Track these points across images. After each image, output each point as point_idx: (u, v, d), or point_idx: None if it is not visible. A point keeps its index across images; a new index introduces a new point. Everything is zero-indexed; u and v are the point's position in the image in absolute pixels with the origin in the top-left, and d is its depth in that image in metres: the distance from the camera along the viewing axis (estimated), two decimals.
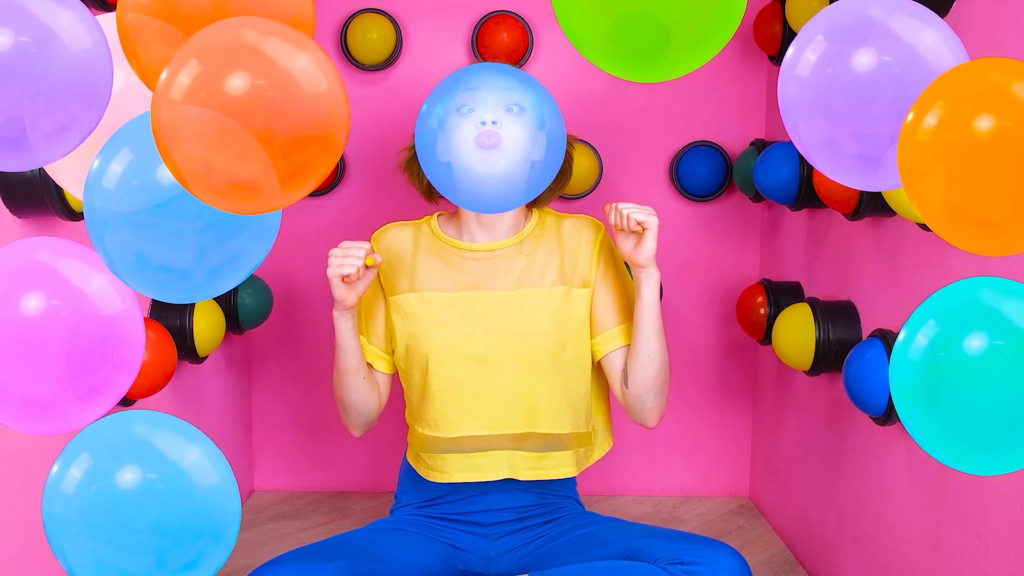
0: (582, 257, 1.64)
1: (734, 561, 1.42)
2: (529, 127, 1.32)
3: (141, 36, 0.91)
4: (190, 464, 0.94)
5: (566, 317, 1.60)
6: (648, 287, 1.56)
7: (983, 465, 0.91)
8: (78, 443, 0.94)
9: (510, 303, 1.59)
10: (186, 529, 0.93)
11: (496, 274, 1.62)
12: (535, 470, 1.63)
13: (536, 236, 1.65)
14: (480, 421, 1.60)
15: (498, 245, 1.62)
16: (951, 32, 0.93)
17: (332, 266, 1.48)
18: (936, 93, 0.85)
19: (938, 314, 0.90)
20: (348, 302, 1.52)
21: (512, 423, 1.60)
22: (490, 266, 1.62)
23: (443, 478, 1.64)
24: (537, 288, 1.61)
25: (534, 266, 1.62)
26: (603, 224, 1.70)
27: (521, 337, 1.58)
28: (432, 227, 1.68)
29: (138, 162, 0.91)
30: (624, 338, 1.64)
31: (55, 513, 0.93)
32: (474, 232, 1.64)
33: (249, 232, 0.94)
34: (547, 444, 1.62)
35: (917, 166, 0.86)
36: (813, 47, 0.94)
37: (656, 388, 1.60)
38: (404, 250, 1.66)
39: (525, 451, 1.62)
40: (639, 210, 1.52)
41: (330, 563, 1.42)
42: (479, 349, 1.58)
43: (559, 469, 1.64)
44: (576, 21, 0.94)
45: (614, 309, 1.64)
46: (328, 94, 0.82)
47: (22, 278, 0.94)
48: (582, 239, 1.65)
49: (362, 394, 1.62)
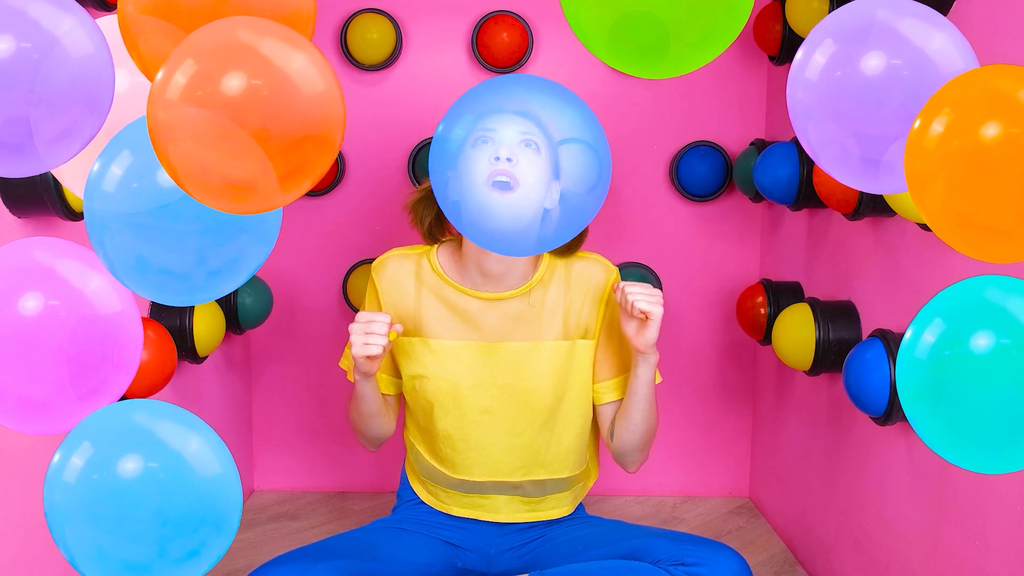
0: (587, 306, 1.59)
1: (735, 562, 1.42)
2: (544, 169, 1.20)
3: (142, 30, 0.91)
4: (192, 453, 0.94)
5: (569, 370, 1.58)
6: (644, 369, 1.54)
7: (989, 463, 0.91)
8: (80, 432, 0.94)
9: (515, 356, 1.56)
10: (188, 518, 0.93)
11: (502, 324, 1.56)
12: (532, 512, 1.65)
13: (545, 283, 1.58)
14: (481, 468, 1.60)
15: (507, 295, 1.56)
16: (960, 35, 0.93)
17: (356, 345, 1.43)
18: (943, 100, 0.85)
19: (944, 312, 0.90)
20: (372, 372, 1.49)
21: (511, 471, 1.60)
22: (496, 315, 1.56)
23: (443, 508, 1.66)
24: (542, 342, 1.57)
25: (541, 316, 1.57)
26: (616, 269, 1.63)
27: (524, 391, 1.56)
28: (433, 264, 1.59)
29: (138, 165, 0.91)
30: (618, 391, 1.62)
31: (57, 502, 0.93)
32: (476, 280, 1.56)
33: (249, 235, 0.94)
34: (545, 488, 1.63)
35: (924, 172, 0.86)
36: (822, 50, 0.94)
37: (639, 448, 1.62)
38: (407, 288, 1.59)
39: (523, 496, 1.63)
40: (645, 297, 1.46)
41: (329, 562, 1.43)
42: (483, 401, 1.56)
43: (556, 510, 1.66)
44: (582, 16, 0.95)
45: (612, 361, 1.62)
46: (324, 94, 0.82)
47: (20, 278, 0.94)
48: (591, 285, 1.59)
49: (382, 426, 1.63)
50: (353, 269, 2.42)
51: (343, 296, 2.44)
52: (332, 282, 2.47)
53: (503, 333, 1.56)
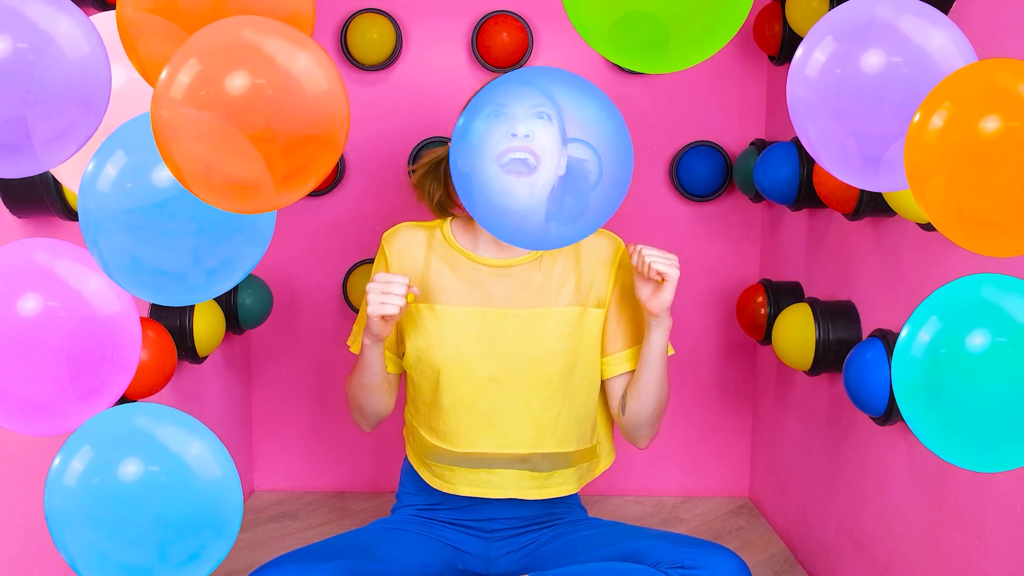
0: (599, 276, 1.61)
1: (735, 565, 1.42)
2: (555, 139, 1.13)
3: (141, 32, 0.91)
4: (192, 457, 0.94)
5: (580, 338, 1.58)
6: (658, 334, 1.54)
7: (985, 462, 0.91)
8: (80, 435, 0.94)
9: (524, 322, 1.57)
10: (188, 522, 0.93)
11: (511, 291, 1.58)
12: (540, 489, 1.63)
13: (553, 252, 1.61)
14: (488, 439, 1.59)
15: (516, 261, 1.58)
16: (960, 33, 0.93)
17: (372, 304, 1.43)
18: (943, 94, 0.85)
19: (940, 311, 0.90)
20: (384, 335, 1.50)
21: (519, 443, 1.59)
22: (506, 283, 1.58)
23: (449, 489, 1.64)
24: (552, 308, 1.58)
25: (551, 284, 1.59)
26: (622, 241, 1.66)
27: (533, 358, 1.56)
28: (445, 233, 1.63)
29: (133, 165, 0.91)
30: (630, 363, 1.62)
31: (57, 506, 0.93)
32: (490, 247, 1.60)
33: (244, 235, 0.94)
34: (552, 463, 1.62)
35: (923, 167, 0.86)
36: (822, 48, 0.94)
37: (651, 421, 1.62)
38: (416, 256, 1.62)
39: (531, 471, 1.61)
40: (662, 259, 1.47)
41: (329, 563, 1.42)
42: (491, 369, 1.56)
43: (563, 487, 1.65)
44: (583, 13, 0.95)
45: (625, 332, 1.62)
46: (328, 93, 0.82)
47: (19, 279, 0.94)
48: (600, 257, 1.62)
49: (383, 402, 1.63)
50: (353, 269, 2.42)
51: (343, 296, 2.44)
52: (332, 282, 2.47)
53: (512, 299, 1.57)
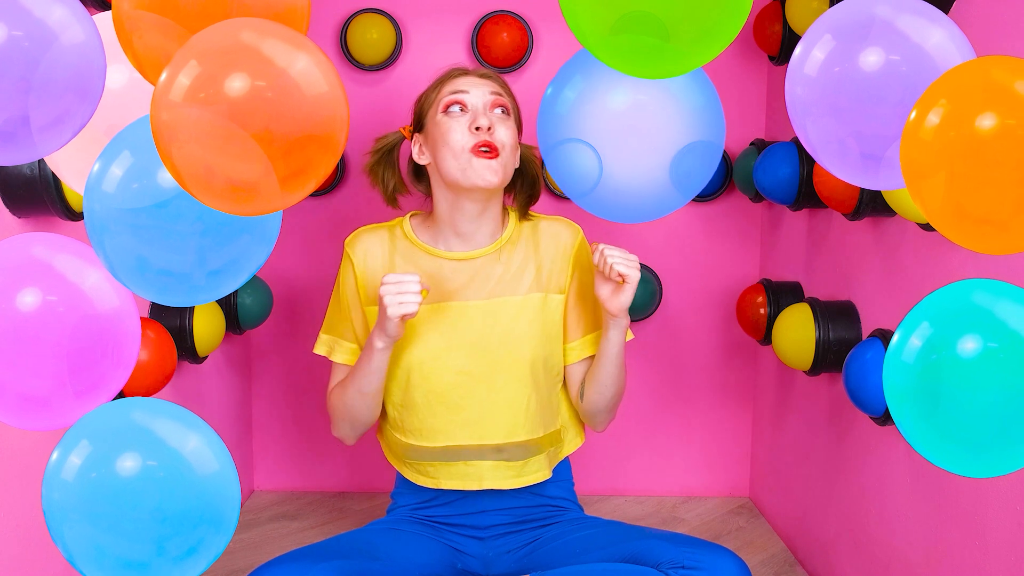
0: (558, 262, 1.63)
1: (735, 566, 1.42)
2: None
3: (136, 27, 0.91)
4: (190, 451, 0.94)
5: (543, 324, 1.60)
6: (616, 332, 1.56)
7: (977, 467, 0.91)
8: (78, 430, 0.95)
9: (488, 313, 1.58)
10: (186, 516, 0.93)
11: (473, 283, 1.60)
12: (517, 478, 1.64)
13: (513, 242, 1.63)
14: (463, 431, 1.60)
15: (477, 254, 1.61)
16: (959, 31, 0.93)
17: (391, 306, 1.43)
18: (939, 91, 0.85)
19: (932, 316, 0.90)
20: (400, 336, 1.50)
21: (494, 433, 1.59)
22: (468, 275, 1.60)
23: (433, 484, 1.65)
24: (513, 296, 1.60)
25: (510, 273, 1.61)
26: (580, 228, 1.69)
27: (500, 347, 1.58)
28: (406, 231, 1.65)
29: (138, 165, 0.91)
30: (590, 348, 1.65)
31: (55, 500, 0.93)
32: (450, 241, 1.62)
33: (249, 235, 0.95)
34: (526, 451, 1.63)
35: (920, 164, 0.86)
36: (821, 46, 0.94)
37: (608, 408, 1.65)
38: (378, 257, 1.63)
39: (506, 461, 1.62)
40: (623, 260, 1.49)
41: (329, 563, 1.42)
42: (459, 361, 1.57)
43: (537, 474, 1.66)
44: (580, 17, 0.95)
45: (583, 319, 1.65)
46: (328, 95, 0.82)
47: (18, 274, 0.94)
48: (559, 244, 1.64)
49: (377, 409, 1.63)
50: None
51: None
52: (332, 282, 2.47)
53: (475, 291, 1.60)
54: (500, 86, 1.61)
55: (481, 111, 1.55)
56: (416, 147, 1.64)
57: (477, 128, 1.53)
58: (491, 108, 1.56)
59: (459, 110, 1.55)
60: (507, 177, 1.56)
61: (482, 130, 1.53)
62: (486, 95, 1.57)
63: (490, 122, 1.54)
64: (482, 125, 1.53)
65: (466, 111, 1.56)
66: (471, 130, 1.53)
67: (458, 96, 1.57)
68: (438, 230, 1.63)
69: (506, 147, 1.54)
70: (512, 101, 1.62)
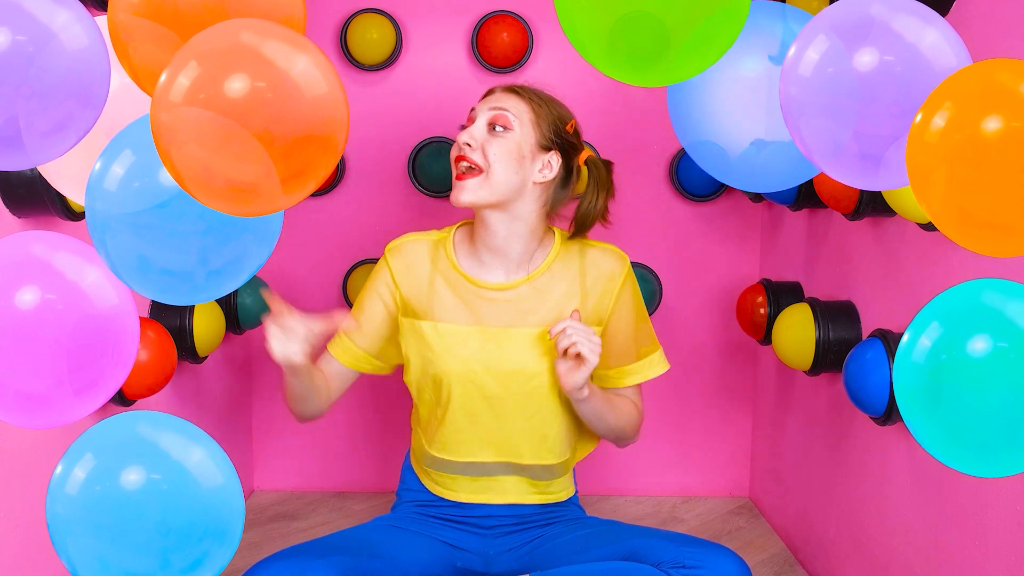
0: (603, 294, 1.61)
1: (735, 565, 1.42)
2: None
3: (132, 36, 0.91)
4: (194, 464, 0.94)
5: None
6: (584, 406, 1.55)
7: (986, 467, 0.91)
8: (82, 443, 0.94)
9: (524, 341, 1.57)
10: (190, 529, 0.93)
11: (511, 312, 1.58)
12: (541, 495, 1.66)
13: (554, 270, 1.60)
14: (489, 450, 1.60)
15: (514, 283, 1.58)
16: (953, 31, 0.93)
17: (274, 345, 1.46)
18: (944, 94, 0.85)
19: (941, 316, 0.90)
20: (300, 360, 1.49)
21: (520, 455, 1.60)
22: (504, 304, 1.59)
23: (452, 497, 1.66)
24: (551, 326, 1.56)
25: (552, 300, 1.59)
26: (628, 258, 1.66)
27: (534, 375, 1.57)
28: (448, 253, 1.62)
29: (140, 164, 0.91)
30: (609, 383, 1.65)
31: (59, 513, 0.93)
32: (486, 259, 1.59)
33: (251, 234, 0.95)
34: (552, 472, 1.64)
35: (925, 167, 0.86)
36: (815, 46, 0.94)
37: (622, 438, 1.66)
38: (421, 272, 1.61)
39: (530, 479, 1.64)
40: (588, 345, 1.47)
41: (328, 558, 1.42)
42: (492, 386, 1.57)
43: (562, 492, 1.68)
44: (577, 23, 0.94)
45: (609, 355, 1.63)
46: (327, 96, 0.82)
47: (17, 272, 0.94)
48: (604, 274, 1.61)
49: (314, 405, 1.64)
50: (353, 269, 2.42)
51: (343, 296, 2.44)
52: (332, 282, 2.47)
53: (511, 319, 1.58)
54: (515, 98, 1.57)
55: (478, 128, 1.54)
56: None
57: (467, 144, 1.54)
58: (487, 125, 1.54)
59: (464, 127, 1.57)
60: (496, 193, 1.52)
61: (459, 144, 1.54)
62: (487, 112, 1.55)
63: (472, 138, 1.53)
64: (458, 140, 1.54)
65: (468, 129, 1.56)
66: (461, 146, 1.54)
67: (470, 114, 1.58)
68: (475, 246, 1.61)
69: (492, 163, 1.51)
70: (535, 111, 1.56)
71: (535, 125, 1.56)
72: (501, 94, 1.58)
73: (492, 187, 1.52)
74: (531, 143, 1.55)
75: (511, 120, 1.54)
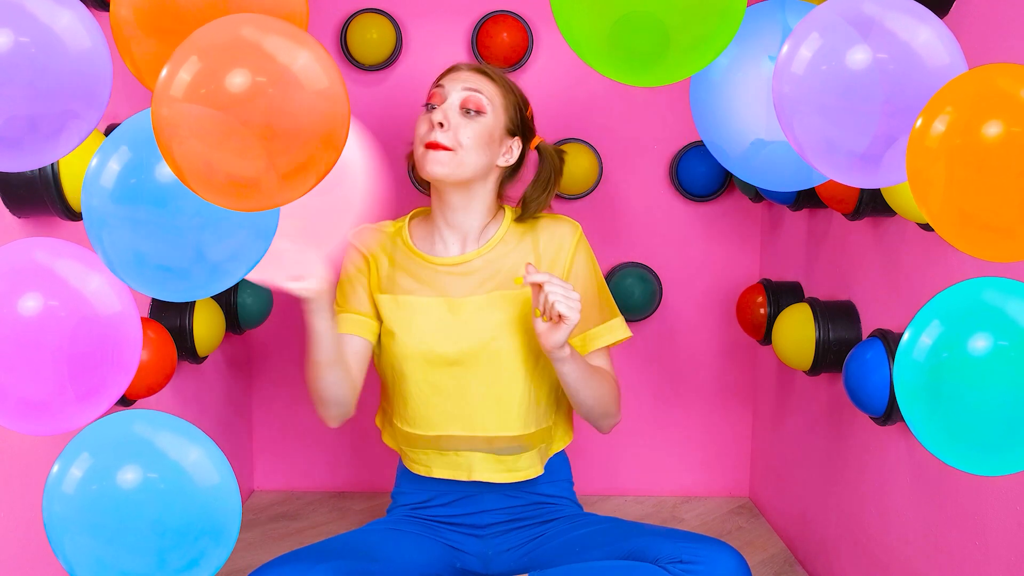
0: (557, 259, 1.64)
1: (733, 560, 1.42)
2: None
3: (135, 32, 0.91)
4: (191, 463, 0.94)
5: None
6: (566, 365, 1.52)
7: (987, 466, 0.91)
8: (79, 442, 0.94)
9: (481, 307, 1.60)
10: (187, 529, 0.93)
11: (470, 282, 1.62)
12: (509, 473, 1.64)
13: (507, 241, 1.65)
14: (455, 422, 1.61)
15: (469, 256, 1.63)
16: (946, 29, 0.93)
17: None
18: (945, 99, 0.85)
19: (942, 314, 0.90)
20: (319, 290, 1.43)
21: (484, 425, 1.60)
22: (465, 278, 1.63)
23: (426, 472, 1.66)
24: (508, 291, 1.61)
25: (506, 268, 1.63)
26: (579, 225, 1.70)
27: (492, 340, 1.58)
28: (404, 238, 1.68)
29: (136, 160, 0.91)
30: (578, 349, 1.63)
31: (56, 513, 0.93)
32: (444, 233, 1.65)
33: (248, 230, 0.94)
34: (519, 446, 1.63)
35: (925, 171, 0.86)
36: (808, 44, 0.94)
37: (598, 417, 1.64)
38: (381, 253, 1.68)
39: (497, 454, 1.62)
40: (566, 302, 1.43)
41: (328, 563, 1.43)
42: (454, 353, 1.59)
43: (529, 470, 1.65)
44: (575, 23, 0.94)
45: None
46: (329, 91, 0.82)
47: (19, 278, 0.94)
48: (559, 240, 1.65)
49: (341, 387, 1.58)
50: None
51: None
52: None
53: (471, 288, 1.61)
54: (487, 81, 1.61)
55: (449, 108, 1.57)
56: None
57: (438, 124, 1.56)
58: (460, 107, 1.57)
59: (432, 107, 1.60)
60: (465, 173, 1.58)
61: (433, 127, 1.57)
62: (460, 92, 1.58)
63: (446, 119, 1.55)
64: (433, 120, 1.57)
65: (439, 107, 1.58)
66: (434, 125, 1.57)
67: (434, 91, 1.61)
68: (433, 225, 1.67)
69: (464, 146, 1.56)
70: (505, 97, 1.62)
71: (504, 109, 1.62)
72: (470, 74, 1.61)
73: (463, 168, 1.57)
74: (500, 128, 1.61)
75: (485, 104, 1.59)
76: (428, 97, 1.62)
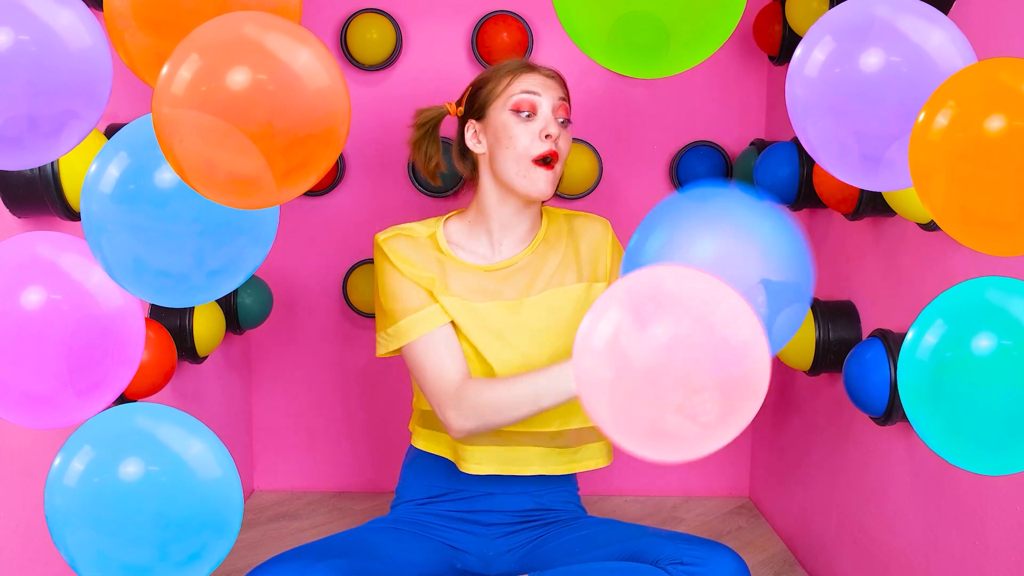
0: (600, 254, 1.67)
1: (734, 563, 1.42)
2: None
3: (128, 24, 0.91)
4: (192, 456, 0.94)
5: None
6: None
7: (991, 465, 0.91)
8: (80, 435, 0.94)
9: (539, 307, 1.61)
10: (189, 521, 0.93)
11: (518, 284, 1.63)
12: (570, 464, 1.65)
13: (548, 240, 1.66)
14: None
15: (513, 260, 1.63)
16: (959, 32, 0.93)
17: None
18: (947, 93, 0.85)
19: (946, 314, 0.90)
20: None
21: (550, 420, 1.60)
22: (510, 280, 1.63)
23: (478, 470, 1.62)
24: (560, 287, 1.63)
25: (554, 267, 1.64)
26: (608, 222, 1.73)
27: (554, 337, 1.60)
28: (443, 247, 1.63)
29: (136, 166, 0.91)
30: None
31: (57, 505, 0.93)
32: (495, 235, 1.63)
33: (246, 236, 0.95)
34: (581, 437, 1.64)
35: (927, 166, 0.86)
36: (821, 47, 0.94)
37: None
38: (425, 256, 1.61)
39: (560, 448, 1.63)
40: None
41: (328, 561, 1.42)
42: (518, 355, 1.59)
43: (591, 460, 1.67)
44: (577, 18, 0.94)
45: None
46: (329, 89, 0.82)
47: (22, 272, 0.94)
48: (595, 236, 1.68)
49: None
50: (353, 269, 2.42)
51: (343, 296, 2.44)
52: (332, 282, 2.47)
53: (520, 291, 1.62)
54: (565, 90, 1.63)
55: (551, 117, 1.56)
56: (470, 132, 1.63)
57: (547, 136, 1.54)
58: (556, 115, 1.58)
59: (527, 114, 1.56)
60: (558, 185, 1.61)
61: (551, 138, 1.55)
62: (555, 100, 1.58)
63: (558, 132, 1.56)
64: (552, 134, 1.54)
65: (534, 115, 1.56)
66: (540, 137, 1.54)
67: (530, 97, 1.56)
68: (480, 226, 1.64)
69: (563, 157, 1.58)
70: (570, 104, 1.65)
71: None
72: (552, 81, 1.61)
73: (559, 179, 1.59)
74: None
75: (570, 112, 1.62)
76: (515, 105, 1.56)
